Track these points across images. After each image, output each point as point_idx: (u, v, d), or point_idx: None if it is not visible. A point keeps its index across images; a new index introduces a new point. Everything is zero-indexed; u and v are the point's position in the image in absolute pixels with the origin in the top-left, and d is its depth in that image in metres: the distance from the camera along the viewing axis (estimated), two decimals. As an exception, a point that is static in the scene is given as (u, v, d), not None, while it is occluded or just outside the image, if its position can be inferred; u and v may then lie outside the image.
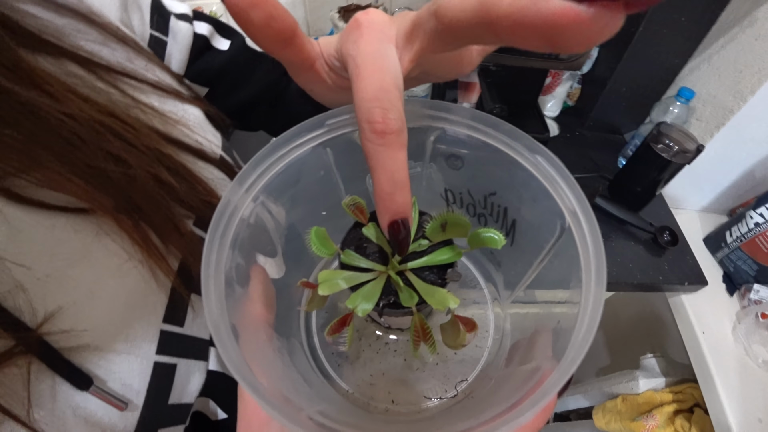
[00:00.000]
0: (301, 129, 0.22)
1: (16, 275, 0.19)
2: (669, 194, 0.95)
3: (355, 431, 0.15)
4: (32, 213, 0.21)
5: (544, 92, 1.00)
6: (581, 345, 0.16)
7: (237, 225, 0.20)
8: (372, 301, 0.21)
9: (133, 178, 0.24)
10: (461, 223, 0.23)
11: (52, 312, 0.20)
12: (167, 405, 0.25)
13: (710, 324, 0.82)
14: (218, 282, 0.18)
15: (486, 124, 0.23)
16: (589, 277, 0.18)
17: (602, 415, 1.04)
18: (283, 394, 0.17)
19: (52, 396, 0.20)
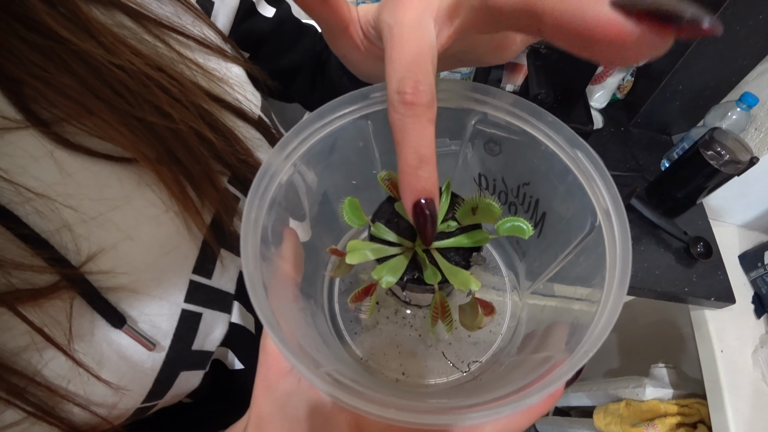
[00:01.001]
0: (344, 100, 0.23)
1: (64, 215, 0.21)
2: (710, 204, 0.91)
3: (369, 391, 0.16)
4: (81, 159, 0.22)
5: (593, 81, 0.96)
6: (596, 339, 0.17)
7: (275, 188, 0.21)
8: (397, 274, 0.22)
9: (176, 132, 0.25)
10: (492, 209, 0.24)
11: (95, 252, 0.22)
12: (191, 350, 0.27)
13: (730, 343, 0.80)
14: (255, 239, 0.19)
15: (528, 112, 0.23)
16: (612, 277, 0.18)
17: (603, 416, 1.05)
18: (305, 349, 0.18)
19: (90, 330, 0.22)
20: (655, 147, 0.98)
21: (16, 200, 0.19)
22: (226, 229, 0.29)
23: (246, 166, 0.31)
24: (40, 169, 0.21)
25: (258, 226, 0.19)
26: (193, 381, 0.29)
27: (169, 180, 0.25)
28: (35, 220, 0.20)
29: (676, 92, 0.89)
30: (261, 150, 0.33)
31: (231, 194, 0.31)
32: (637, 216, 0.85)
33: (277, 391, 0.21)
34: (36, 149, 0.21)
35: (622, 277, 0.18)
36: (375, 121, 0.25)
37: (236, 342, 0.33)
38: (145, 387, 0.25)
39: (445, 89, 0.24)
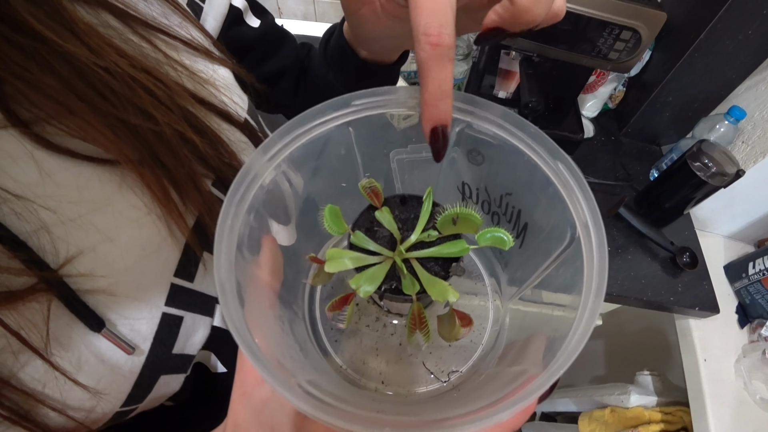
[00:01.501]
0: (327, 106, 0.23)
1: (42, 217, 0.21)
2: (697, 215, 0.92)
3: (341, 404, 0.16)
4: (61, 160, 0.22)
5: (585, 90, 0.96)
6: (569, 355, 0.17)
7: (255, 192, 0.20)
8: (375, 284, 0.22)
9: (160, 135, 0.25)
10: (472, 219, 0.24)
11: (73, 255, 0.22)
12: (171, 354, 0.27)
13: (714, 352, 0.81)
14: (230, 245, 0.18)
15: (512, 123, 0.23)
16: (589, 291, 0.18)
17: (588, 422, 1.06)
18: (278, 359, 0.18)
19: (67, 333, 0.22)
20: (645, 157, 0.99)
21: None
22: (209, 232, 0.29)
23: (231, 169, 0.31)
24: (19, 169, 0.21)
25: (234, 232, 0.19)
26: (173, 385, 0.29)
27: (151, 182, 0.25)
28: (12, 221, 0.20)
29: (666, 103, 0.90)
30: (246, 153, 0.33)
31: (215, 197, 0.30)
32: (625, 225, 0.86)
33: (254, 399, 0.21)
34: (15, 149, 0.21)
35: (597, 291, 0.18)
36: (357, 129, 0.25)
37: (219, 345, 0.33)
38: (124, 391, 0.24)
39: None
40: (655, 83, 0.88)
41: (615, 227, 0.87)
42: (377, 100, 0.24)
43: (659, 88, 0.87)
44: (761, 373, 0.77)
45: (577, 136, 0.84)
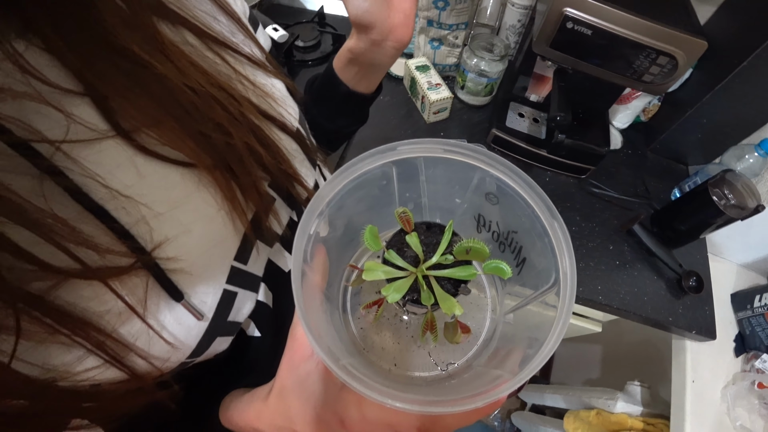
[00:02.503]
0: (378, 150, 0.30)
1: (140, 211, 0.27)
2: (712, 240, 0.97)
3: (372, 382, 0.24)
4: (153, 164, 0.28)
5: (619, 101, 1.00)
6: (529, 372, 0.25)
7: (318, 213, 0.28)
8: (400, 294, 0.30)
9: (232, 146, 0.32)
10: (482, 251, 0.31)
11: (161, 242, 0.28)
12: (226, 321, 0.35)
13: (703, 375, 0.88)
14: (299, 261, 0.26)
15: (523, 180, 0.30)
16: (555, 329, 0.26)
17: (573, 420, 1.15)
18: (327, 343, 0.26)
19: (156, 302, 0.29)
20: (669, 175, 1.03)
21: (107, 199, 0.26)
22: (262, 224, 0.36)
23: (283, 173, 0.38)
24: (123, 173, 0.27)
25: (301, 253, 0.27)
26: (224, 345, 0.37)
27: (222, 185, 0.32)
28: (120, 214, 0.26)
29: (698, 124, 0.93)
30: (296, 160, 0.40)
31: (270, 196, 0.38)
32: (636, 241, 0.92)
33: (299, 370, 0.29)
34: (120, 156, 0.27)
35: (560, 333, 0.25)
36: (398, 167, 0.32)
37: (258, 315, 0.41)
38: (191, 347, 0.32)
39: (462, 148, 0.31)
40: (690, 103, 0.91)
41: (626, 242, 0.93)
42: (416, 147, 0.31)
43: (694, 108, 0.90)
44: (746, 401, 0.83)
45: (601, 150, 0.89)
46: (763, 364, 0.86)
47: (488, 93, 0.99)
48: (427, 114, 0.96)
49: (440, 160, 0.32)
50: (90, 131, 0.25)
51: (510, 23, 0.99)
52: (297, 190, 0.40)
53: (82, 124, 0.25)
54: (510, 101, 0.98)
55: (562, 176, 0.98)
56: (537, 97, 0.98)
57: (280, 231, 0.40)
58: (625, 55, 0.69)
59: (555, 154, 0.92)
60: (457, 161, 0.30)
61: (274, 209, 0.38)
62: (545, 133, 0.95)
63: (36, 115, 0.23)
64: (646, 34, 0.66)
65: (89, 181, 0.25)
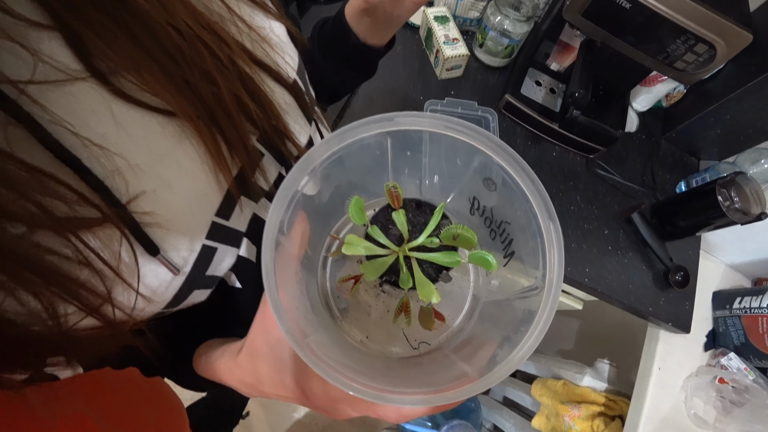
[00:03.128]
0: (373, 119, 0.27)
1: (115, 162, 0.25)
2: (707, 238, 0.96)
3: (333, 363, 0.23)
4: (132, 112, 0.26)
5: (643, 83, 0.94)
6: (495, 378, 0.24)
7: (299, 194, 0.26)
8: (378, 273, 0.29)
9: (219, 97, 0.29)
10: (470, 240, 0.29)
11: (138, 194, 0.27)
12: (204, 275, 0.34)
13: (670, 364, 0.91)
14: (273, 233, 0.25)
15: (527, 174, 0.28)
16: (532, 333, 0.25)
17: (539, 387, 1.20)
18: (296, 318, 0.25)
19: (132, 256, 0.28)
20: (678, 167, 0.99)
21: (78, 149, 0.24)
22: (248, 180, 0.35)
23: (273, 129, 0.35)
24: (97, 120, 0.25)
25: (277, 224, 0.25)
26: (201, 297, 0.37)
27: (206, 138, 0.30)
28: (94, 164, 0.25)
29: (720, 120, 0.89)
30: (290, 115, 0.37)
31: (257, 152, 0.35)
32: (633, 230, 0.91)
33: (270, 335, 0.29)
34: (95, 101, 0.25)
35: (537, 338, 0.24)
36: (394, 139, 0.29)
37: (240, 269, 0.40)
38: (166, 299, 0.32)
39: (466, 128, 0.28)
40: (717, 96, 0.86)
41: (622, 229, 0.92)
42: (413, 119, 0.28)
43: (720, 102, 0.85)
44: (705, 393, 0.87)
45: (615, 133, 0.85)
46: (728, 362, 0.88)
47: (508, 55, 0.93)
48: (440, 70, 0.90)
49: (442, 135, 0.29)
50: (60, 72, 0.23)
51: (544, -19, 0.91)
52: (287, 147, 0.37)
53: (50, 63, 0.22)
54: (529, 67, 0.92)
55: (571, 153, 0.95)
56: (558, 67, 0.92)
57: (267, 187, 0.38)
58: (661, 36, 0.64)
59: (567, 129, 0.88)
60: (460, 140, 0.28)
61: (262, 165, 0.36)
62: (560, 106, 0.90)
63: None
64: (689, 16, 0.60)
65: (59, 129, 0.23)
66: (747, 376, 0.86)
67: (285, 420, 1.66)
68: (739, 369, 0.87)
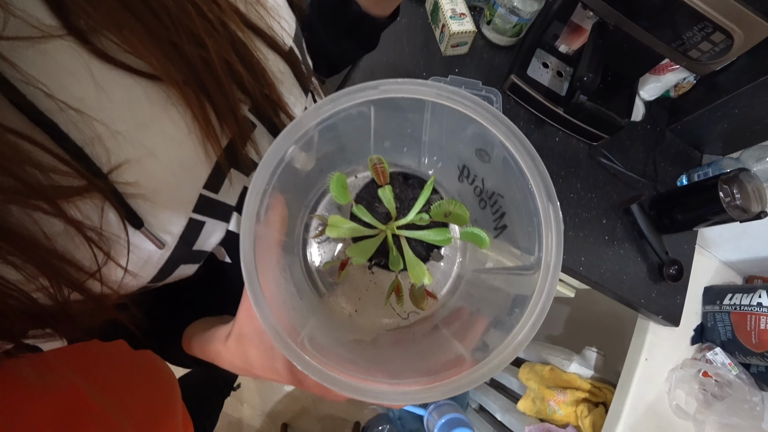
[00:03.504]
0: (357, 88, 0.25)
1: (95, 128, 0.24)
2: (704, 234, 0.95)
3: (318, 366, 0.22)
4: (114, 73, 0.24)
5: (652, 71, 0.91)
6: (492, 369, 0.23)
7: (279, 172, 0.24)
8: (366, 256, 0.27)
9: (208, 62, 0.27)
10: (462, 217, 0.28)
11: (120, 163, 0.25)
12: (191, 250, 0.32)
13: (656, 356, 0.91)
14: (252, 212, 0.23)
15: (526, 150, 0.26)
16: (528, 318, 0.23)
17: (527, 371, 1.21)
18: (285, 315, 0.23)
19: (114, 228, 0.26)
20: (681, 160, 0.97)
21: (54, 111, 0.22)
22: (238, 152, 0.33)
23: (266, 99, 0.33)
24: (75, 82, 0.23)
25: (254, 216, 0.23)
26: (188, 271, 0.35)
27: (194, 105, 0.28)
28: (72, 130, 0.23)
29: (728, 115, 0.86)
30: (284, 85, 0.35)
31: (249, 122, 0.33)
32: (630, 221, 0.89)
33: (257, 322, 0.27)
34: (73, 62, 0.23)
35: (532, 327, 0.23)
36: (378, 108, 0.27)
37: (229, 244, 0.39)
38: (151, 274, 0.30)
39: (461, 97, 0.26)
40: (727, 89, 0.84)
41: (620, 220, 0.91)
42: (400, 87, 0.26)
43: (730, 96, 0.83)
44: (688, 385, 0.87)
45: (621, 121, 0.83)
46: (714, 356, 0.89)
47: (516, 34, 0.90)
48: (445, 46, 0.87)
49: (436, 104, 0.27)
50: (33, 28, 0.21)
51: (559, -43, 0.87)
52: (281, 119, 0.35)
53: (22, 17, 0.21)
54: (537, 47, 0.89)
55: (574, 139, 0.93)
56: (567, 49, 0.89)
57: (258, 160, 0.36)
58: (677, 22, 0.61)
59: (572, 115, 0.86)
60: (453, 108, 0.26)
61: (253, 137, 0.34)
62: (566, 90, 0.87)
63: None
64: (709, 2, 0.57)
65: (33, 90, 0.21)
66: (730, 371, 0.87)
67: (275, 392, 1.68)
68: (724, 364, 0.88)
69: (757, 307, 0.82)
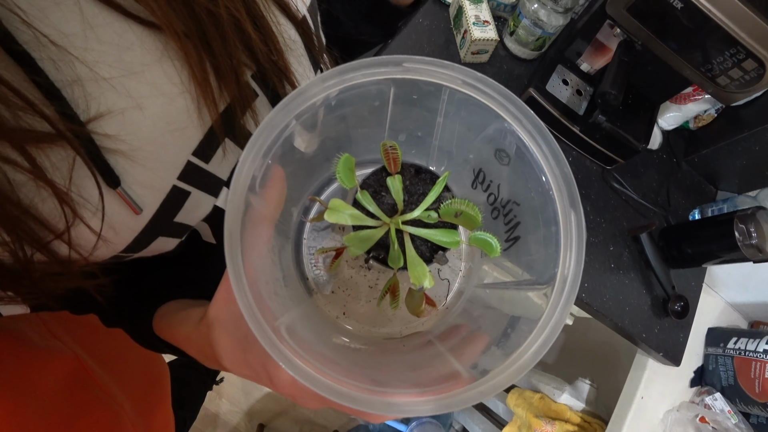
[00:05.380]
0: (379, 60, 0.23)
1: (78, 70, 0.21)
2: (712, 270, 0.92)
3: (304, 359, 0.19)
4: (106, 13, 0.22)
5: (674, 99, 0.90)
6: (495, 387, 0.20)
7: (275, 139, 0.22)
8: (365, 247, 0.25)
9: (215, 16, 0.25)
10: (474, 219, 0.25)
11: (101, 113, 0.23)
12: (172, 221, 0.30)
13: (653, 394, 0.88)
14: (246, 176, 0.21)
15: (552, 150, 0.24)
16: (536, 339, 0.21)
17: (516, 397, 1.18)
18: (264, 297, 0.21)
19: (87, 184, 0.24)
20: (695, 193, 0.95)
21: (32, 44, 0.20)
22: (236, 121, 0.30)
23: (274, 66, 0.31)
24: (61, 15, 0.21)
25: (249, 178, 0.21)
26: (168, 246, 0.33)
27: (193, 61, 0.25)
28: (49, 68, 0.21)
29: (748, 151, 0.84)
30: (293, 54, 0.33)
31: (251, 89, 0.31)
32: (638, 249, 0.87)
33: (235, 306, 0.25)
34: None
35: (544, 343, 0.21)
36: (398, 87, 0.25)
37: (215, 221, 0.37)
38: (125, 242, 0.28)
39: (488, 86, 0.24)
40: (749, 124, 0.82)
41: (628, 248, 0.88)
42: (427, 68, 0.24)
43: (752, 131, 0.81)
44: (683, 429, 0.84)
45: (638, 145, 0.81)
46: (713, 402, 0.86)
47: (538, 47, 0.88)
48: (465, 51, 0.85)
49: (456, 93, 0.25)
50: None
51: (589, -26, 0.86)
52: (286, 90, 0.33)
53: None
54: (558, 63, 0.87)
55: (587, 160, 0.91)
56: (589, 68, 0.87)
57: None
58: (709, 45, 0.59)
59: (588, 135, 0.84)
60: (475, 100, 0.23)
61: (254, 106, 0.32)
62: (584, 110, 0.85)
63: None
64: (744, 27, 0.55)
65: (8, 15, 0.19)
66: (729, 419, 0.84)
67: (257, 389, 1.64)
68: (723, 411, 0.85)
69: (763, 354, 0.80)
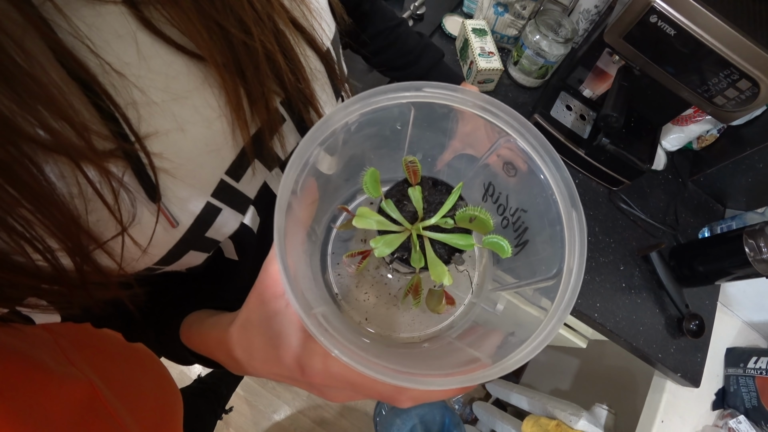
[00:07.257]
0: (400, 86, 0.27)
1: (133, 95, 0.25)
2: (726, 289, 0.93)
3: (342, 339, 0.22)
4: (158, 45, 0.26)
5: (676, 121, 0.93)
6: (515, 362, 0.23)
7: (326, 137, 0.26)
8: (390, 249, 0.28)
9: (250, 49, 0.29)
10: (486, 223, 0.28)
11: (150, 133, 0.26)
12: (204, 236, 0.33)
13: (673, 418, 0.87)
14: (286, 193, 0.24)
15: (552, 160, 0.27)
16: (547, 324, 0.23)
17: (531, 424, 1.16)
18: (302, 289, 0.24)
19: (131, 197, 0.26)
20: (703, 212, 0.97)
21: (97, 72, 0.23)
22: (265, 143, 0.34)
23: (300, 94, 0.35)
24: (121, 47, 0.24)
25: (292, 181, 0.24)
26: (197, 260, 0.36)
27: (229, 87, 0.29)
28: (111, 92, 0.24)
29: (752, 168, 0.87)
30: (318, 83, 0.37)
31: (279, 115, 0.35)
32: (649, 269, 0.88)
33: (268, 307, 0.28)
34: (121, 27, 0.24)
35: (551, 329, 0.23)
36: (418, 110, 0.29)
37: (240, 238, 0.40)
38: (160, 254, 0.31)
39: (496, 107, 0.28)
40: (752, 142, 0.85)
41: (639, 267, 0.89)
42: (445, 93, 0.28)
43: (754, 149, 0.84)
44: (707, 454, 0.82)
45: (643, 166, 0.84)
46: (737, 425, 0.84)
47: (541, 76, 0.93)
48: (472, 80, 0.90)
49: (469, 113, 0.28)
50: None
51: (585, 7, 0.91)
52: (311, 116, 0.37)
53: None
54: (561, 90, 0.92)
55: (594, 182, 0.94)
56: (591, 93, 0.92)
57: (283, 156, 0.38)
58: (704, 68, 0.63)
59: (593, 157, 0.87)
60: (484, 120, 0.27)
61: (281, 131, 0.36)
62: (588, 133, 0.89)
63: None
64: (735, 49, 0.59)
65: (79, 45, 0.22)
66: (756, 442, 0.82)
67: (265, 419, 1.62)
68: (748, 434, 0.83)
69: (785, 373, 0.79)
